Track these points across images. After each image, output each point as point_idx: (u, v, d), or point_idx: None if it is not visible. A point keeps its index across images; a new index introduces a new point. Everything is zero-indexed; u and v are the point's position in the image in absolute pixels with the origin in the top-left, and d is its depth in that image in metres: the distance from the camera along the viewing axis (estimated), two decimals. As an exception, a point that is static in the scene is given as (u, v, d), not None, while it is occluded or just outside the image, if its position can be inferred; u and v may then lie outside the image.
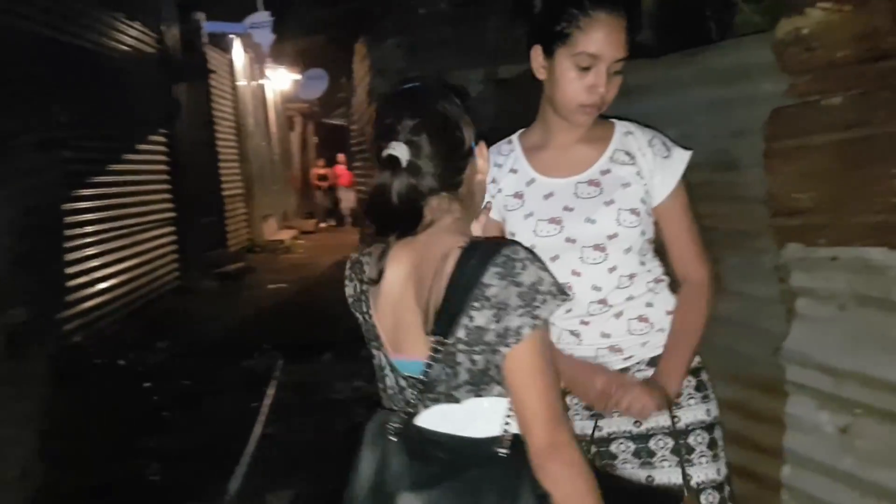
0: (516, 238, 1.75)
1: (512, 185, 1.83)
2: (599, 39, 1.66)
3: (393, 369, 1.39)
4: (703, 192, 2.57)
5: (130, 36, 8.58)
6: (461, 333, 1.26)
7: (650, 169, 1.77)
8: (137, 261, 8.12)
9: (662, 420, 1.75)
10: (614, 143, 1.80)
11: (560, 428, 1.27)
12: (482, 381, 1.30)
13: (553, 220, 1.76)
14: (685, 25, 3.55)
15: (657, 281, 1.82)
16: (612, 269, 1.75)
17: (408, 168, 1.32)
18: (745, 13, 2.59)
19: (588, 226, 1.74)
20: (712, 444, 1.79)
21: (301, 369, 5.82)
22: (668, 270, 1.84)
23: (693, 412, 1.79)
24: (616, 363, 1.80)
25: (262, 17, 12.70)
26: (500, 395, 1.31)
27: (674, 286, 1.84)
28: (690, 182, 2.55)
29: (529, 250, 1.29)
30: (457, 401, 1.31)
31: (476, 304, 1.24)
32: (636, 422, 1.77)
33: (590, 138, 1.81)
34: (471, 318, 1.25)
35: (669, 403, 1.72)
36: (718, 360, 2.52)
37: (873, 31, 1.91)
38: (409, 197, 1.33)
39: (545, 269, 1.27)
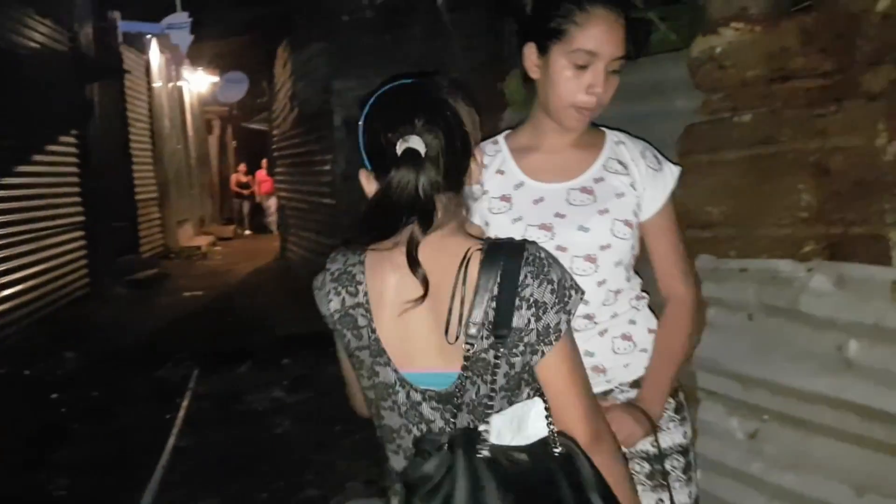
0: None
1: (498, 186, 1.71)
2: (597, 36, 1.57)
3: (404, 384, 1.30)
4: (620, 204, 2.64)
5: (41, 33, 8.26)
6: (501, 339, 1.23)
7: (642, 181, 1.70)
8: (44, 266, 7.80)
9: (641, 444, 1.67)
10: (606, 151, 1.73)
11: (600, 419, 1.30)
12: (517, 386, 1.28)
13: (544, 227, 1.66)
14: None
15: (638, 298, 1.75)
16: (600, 283, 1.67)
17: (427, 162, 1.24)
18: (661, 32, 2.67)
19: (581, 234, 1.65)
20: (686, 468, 1.74)
21: (217, 379, 5.69)
22: (646, 288, 1.79)
23: (672, 436, 1.73)
24: (598, 384, 1.67)
25: (180, 17, 12.36)
26: (528, 397, 1.28)
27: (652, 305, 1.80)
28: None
29: (544, 248, 1.30)
30: (490, 409, 1.25)
31: (515, 305, 1.23)
32: None
33: (581, 144, 1.72)
34: (510, 321, 1.23)
35: (654, 428, 1.65)
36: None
37: (782, 51, 2.00)
38: (432, 193, 1.24)
39: (562, 265, 1.29)
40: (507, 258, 1.25)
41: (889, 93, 1.79)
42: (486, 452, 1.19)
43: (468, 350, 1.24)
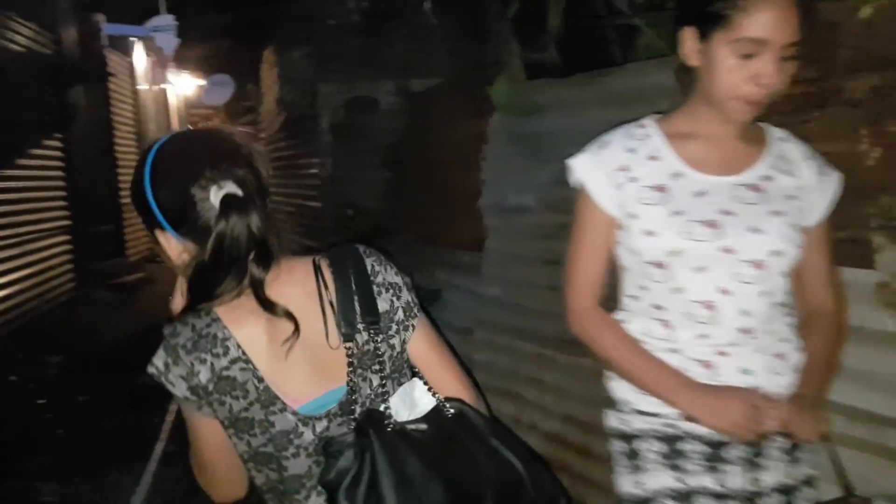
0: (657, 238, 1.50)
1: (652, 174, 1.52)
2: (766, 22, 1.37)
3: (307, 421, 1.28)
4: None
5: (24, 36, 8.21)
6: (375, 325, 1.30)
7: (811, 185, 1.54)
8: (29, 271, 7.75)
9: (778, 475, 1.52)
10: (773, 147, 1.55)
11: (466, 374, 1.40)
12: (402, 367, 1.34)
13: (709, 224, 1.47)
14: (590, 47, 3.67)
15: (790, 315, 1.58)
16: (764, 294, 1.50)
17: (250, 203, 1.23)
18: (647, 38, 2.70)
19: (751, 237, 1.47)
20: (809, 500, 1.56)
21: (204, 383, 5.66)
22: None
23: (804, 467, 1.56)
24: None
25: (165, 20, 12.33)
26: (408, 378, 1.35)
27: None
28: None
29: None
30: (386, 398, 1.29)
31: (374, 292, 1.31)
32: (755, 479, 1.51)
33: (746, 136, 1.54)
34: (376, 306, 1.30)
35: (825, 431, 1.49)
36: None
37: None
38: (265, 231, 1.24)
39: None
40: (351, 257, 1.33)
41: (870, 100, 1.82)
42: (394, 426, 1.25)
43: (350, 348, 1.28)
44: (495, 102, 3.34)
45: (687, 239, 1.48)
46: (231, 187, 1.22)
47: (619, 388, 1.62)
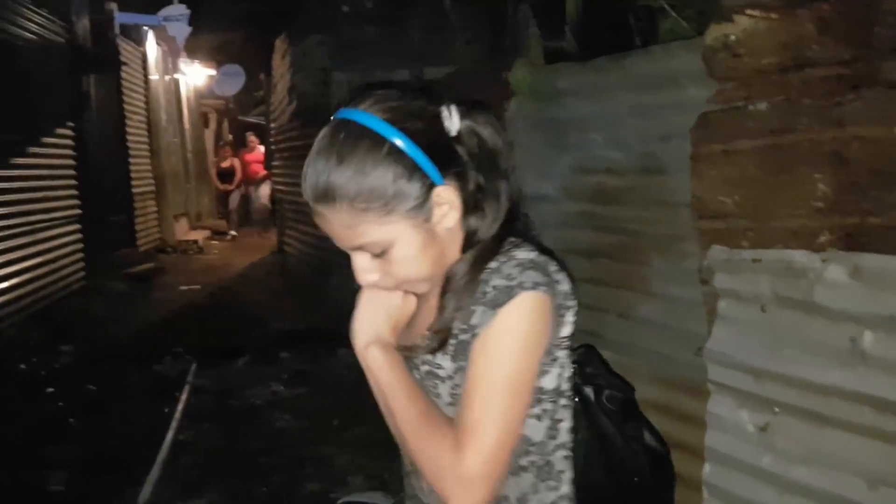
0: None
1: None
2: None
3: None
4: (629, 197, 2.61)
5: (37, 24, 8.19)
6: None
7: None
8: (40, 259, 7.73)
9: None
10: None
11: None
12: None
13: None
14: (607, 30, 3.61)
15: None
16: None
17: (484, 107, 1.24)
18: (672, 20, 2.64)
19: None
20: None
21: (215, 374, 5.64)
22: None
23: None
24: None
25: (178, 9, 12.31)
26: None
27: None
28: (617, 186, 2.58)
29: None
30: None
31: None
32: None
33: None
34: None
35: None
36: (642, 361, 2.57)
37: (798, 39, 1.96)
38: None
39: None
40: None
41: (909, 81, 1.75)
42: None
43: None
44: (514, 88, 3.28)
45: None
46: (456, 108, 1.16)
47: None
